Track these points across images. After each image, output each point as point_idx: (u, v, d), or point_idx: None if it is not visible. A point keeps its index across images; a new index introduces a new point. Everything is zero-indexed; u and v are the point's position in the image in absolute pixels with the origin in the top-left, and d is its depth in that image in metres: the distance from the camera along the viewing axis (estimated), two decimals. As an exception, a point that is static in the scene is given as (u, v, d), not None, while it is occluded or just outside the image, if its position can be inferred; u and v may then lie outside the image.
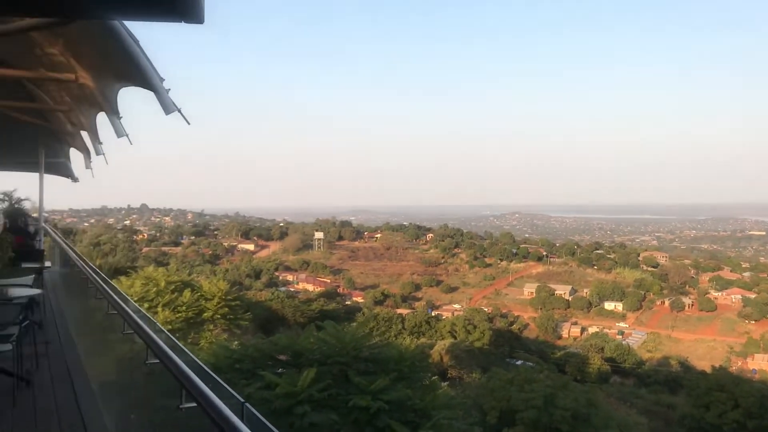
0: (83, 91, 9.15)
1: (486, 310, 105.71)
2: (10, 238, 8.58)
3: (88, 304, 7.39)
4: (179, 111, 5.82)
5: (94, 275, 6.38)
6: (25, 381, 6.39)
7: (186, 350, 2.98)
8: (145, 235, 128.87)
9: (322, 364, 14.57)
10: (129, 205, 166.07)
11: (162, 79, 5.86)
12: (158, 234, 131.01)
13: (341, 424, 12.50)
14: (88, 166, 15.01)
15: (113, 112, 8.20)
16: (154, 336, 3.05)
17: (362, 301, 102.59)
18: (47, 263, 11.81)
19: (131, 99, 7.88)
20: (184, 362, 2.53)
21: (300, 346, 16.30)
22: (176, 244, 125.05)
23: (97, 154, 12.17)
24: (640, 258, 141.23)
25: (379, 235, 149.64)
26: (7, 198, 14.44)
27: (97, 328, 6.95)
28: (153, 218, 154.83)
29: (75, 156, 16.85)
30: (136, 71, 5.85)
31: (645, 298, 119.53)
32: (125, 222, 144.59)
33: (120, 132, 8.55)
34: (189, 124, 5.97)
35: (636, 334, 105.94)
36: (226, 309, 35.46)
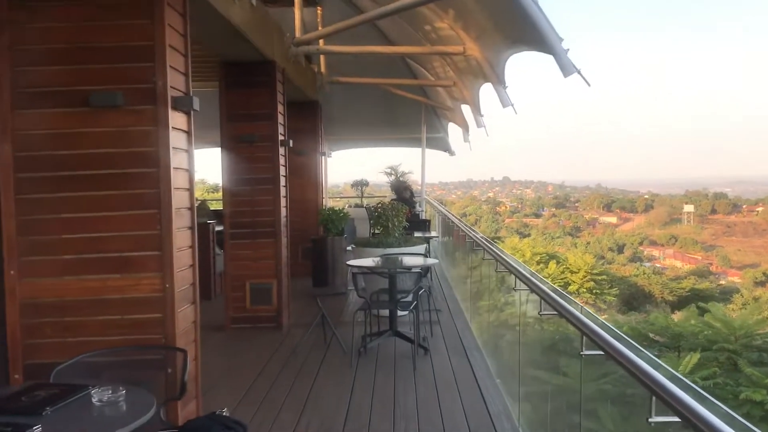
0: (468, 63, 9.23)
1: None
2: (404, 209, 9.07)
3: (479, 273, 7.40)
4: (579, 72, 5.34)
5: (492, 247, 6.27)
6: (423, 348, 6.59)
7: (639, 347, 2.46)
8: (507, 206, 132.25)
9: (705, 349, 13.34)
10: (492, 178, 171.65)
11: (561, 39, 5.44)
12: (519, 206, 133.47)
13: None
14: (466, 139, 15.47)
15: (499, 82, 8.08)
16: (594, 326, 2.55)
17: (740, 281, 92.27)
18: (433, 233, 12.42)
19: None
20: (647, 362, 2.04)
21: (680, 328, 15.11)
22: (537, 215, 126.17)
23: (478, 126, 12.38)
24: None
25: (761, 209, 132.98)
26: (393, 172, 15.59)
27: (492, 300, 6.90)
28: (514, 190, 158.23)
29: (452, 129, 17.62)
30: (534, 34, 5.52)
31: None
32: (488, 194, 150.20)
33: (505, 102, 8.41)
34: (589, 85, 5.45)
35: None
36: (592, 283, 34.79)
